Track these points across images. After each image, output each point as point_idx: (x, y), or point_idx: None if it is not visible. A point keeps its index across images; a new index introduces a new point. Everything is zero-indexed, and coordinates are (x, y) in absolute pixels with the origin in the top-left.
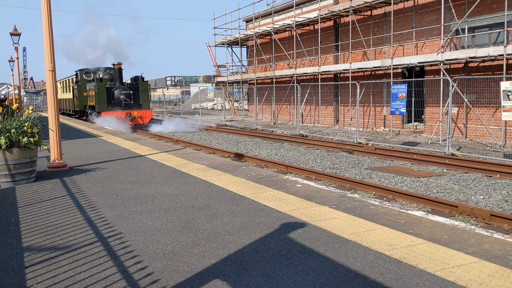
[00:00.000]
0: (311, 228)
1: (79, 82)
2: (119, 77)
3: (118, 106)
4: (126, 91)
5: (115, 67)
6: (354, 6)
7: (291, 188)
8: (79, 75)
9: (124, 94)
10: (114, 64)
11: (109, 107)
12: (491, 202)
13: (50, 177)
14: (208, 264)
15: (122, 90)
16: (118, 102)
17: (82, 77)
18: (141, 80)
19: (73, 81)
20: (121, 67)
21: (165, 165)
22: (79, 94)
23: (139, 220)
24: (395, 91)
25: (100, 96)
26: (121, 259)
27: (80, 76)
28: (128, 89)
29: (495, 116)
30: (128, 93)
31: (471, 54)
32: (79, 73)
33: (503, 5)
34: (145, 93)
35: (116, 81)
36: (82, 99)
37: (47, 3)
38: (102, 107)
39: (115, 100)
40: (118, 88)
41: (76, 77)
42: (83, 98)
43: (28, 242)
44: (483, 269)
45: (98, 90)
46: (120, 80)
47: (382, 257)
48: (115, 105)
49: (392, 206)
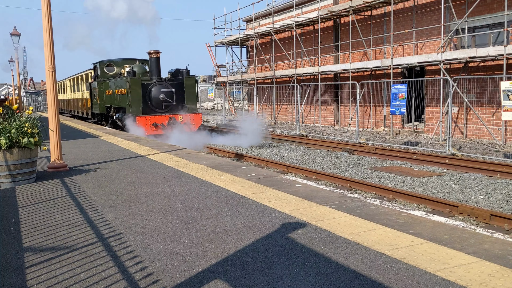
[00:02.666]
0: (311, 228)
1: (99, 77)
2: (157, 70)
3: (157, 108)
4: (167, 88)
5: (151, 57)
6: (354, 6)
7: (291, 188)
8: (98, 68)
9: (165, 93)
10: (150, 53)
11: (146, 110)
12: (491, 202)
13: (51, 178)
14: (209, 264)
15: (162, 87)
16: (156, 104)
17: (103, 71)
18: (186, 74)
19: (89, 77)
20: (159, 56)
21: (166, 165)
22: (100, 92)
23: (139, 220)
24: (395, 91)
25: (135, 95)
26: (121, 259)
27: (100, 70)
28: (170, 86)
29: (495, 116)
30: (169, 92)
31: (471, 54)
32: (99, 66)
33: (503, 5)
34: (192, 91)
35: (153, 76)
36: (104, 99)
37: (47, 3)
38: (137, 109)
39: (152, 101)
40: (157, 84)
41: (94, 71)
42: (105, 97)
43: (29, 243)
44: (483, 269)
45: (132, 87)
46: (158, 74)
47: (382, 257)
48: (152, 107)
49: (392, 206)
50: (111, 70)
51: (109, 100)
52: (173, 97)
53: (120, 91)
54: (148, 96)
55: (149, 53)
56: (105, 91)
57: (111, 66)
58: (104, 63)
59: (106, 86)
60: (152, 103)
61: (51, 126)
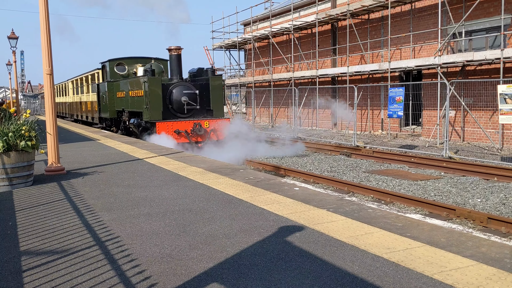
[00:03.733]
0: (309, 232)
1: (109, 77)
2: (178, 69)
3: (179, 112)
4: (190, 90)
5: (171, 54)
6: (352, 10)
7: (289, 191)
8: (108, 68)
9: (188, 95)
10: (171, 49)
11: (165, 115)
12: (489, 205)
13: (48, 181)
14: (206, 267)
15: (185, 88)
16: (178, 107)
17: (113, 70)
18: (211, 73)
19: (95, 77)
20: (180, 53)
21: (163, 168)
22: (110, 94)
23: (136, 224)
24: (393, 94)
25: (155, 98)
26: (118, 263)
27: (110, 70)
28: (193, 88)
29: (493, 119)
30: (193, 94)
31: (468, 58)
32: (108, 65)
33: (499, 9)
34: (218, 93)
35: (174, 76)
36: (115, 102)
37: (45, 7)
38: (157, 114)
39: (173, 104)
40: (179, 85)
41: (102, 70)
42: (116, 100)
43: (26, 246)
44: (480, 272)
45: (151, 88)
46: (179, 74)
47: (380, 261)
48: (173, 111)
49: (390, 209)
50: (122, 70)
51: (121, 103)
52: (197, 100)
53: (136, 93)
54: (168, 99)
55: (169, 49)
56: (116, 93)
57: (122, 65)
58: (114, 61)
59: (117, 87)
60: (173, 106)
61: (49, 129)
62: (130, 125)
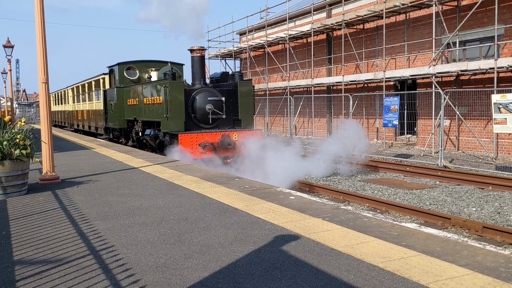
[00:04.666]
0: (304, 241)
1: (117, 83)
2: (201, 72)
3: (202, 122)
4: (216, 96)
5: (194, 55)
6: (347, 19)
7: (285, 200)
8: (116, 72)
9: (213, 103)
10: (193, 49)
11: (187, 126)
12: (484, 214)
13: (42, 190)
14: (201, 277)
15: (210, 95)
16: (202, 117)
17: (123, 75)
18: (239, 78)
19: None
20: (204, 55)
21: (158, 177)
22: (119, 102)
23: (131, 233)
24: (388, 104)
25: (176, 105)
26: (113, 272)
27: (120, 74)
28: (219, 94)
29: (487, 129)
30: (218, 101)
31: (462, 67)
32: (117, 69)
33: (493, 19)
34: (247, 101)
35: (196, 80)
36: (125, 110)
37: (40, 15)
38: (178, 124)
39: (196, 113)
40: (202, 92)
41: (110, 75)
42: (127, 108)
43: (19, 256)
44: (475, 281)
45: (173, 95)
46: (202, 78)
47: (375, 270)
48: (196, 121)
49: (385, 218)
50: (132, 75)
51: (132, 112)
52: (223, 108)
53: (153, 100)
54: (190, 107)
55: (191, 50)
56: (127, 100)
57: (133, 69)
58: (124, 65)
59: (128, 93)
60: (196, 116)
61: (44, 138)
62: (146, 137)
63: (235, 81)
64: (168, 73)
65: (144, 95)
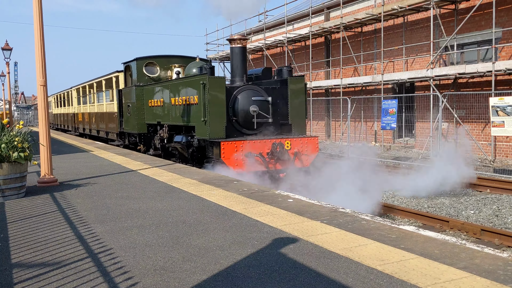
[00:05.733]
0: (303, 243)
1: (136, 81)
2: (243, 67)
3: (245, 127)
4: (261, 96)
5: (234, 46)
6: (345, 23)
7: (283, 203)
8: (134, 69)
9: (258, 104)
10: (233, 39)
11: (228, 131)
12: (482, 217)
13: (40, 192)
14: (199, 280)
15: (254, 94)
16: (245, 120)
17: (141, 72)
18: (288, 73)
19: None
20: (245, 46)
21: (157, 180)
22: (138, 103)
23: (129, 236)
24: (386, 107)
25: (217, 107)
26: (111, 275)
27: (138, 71)
28: (265, 93)
29: (485, 132)
30: (264, 102)
31: (460, 70)
32: (136, 65)
33: (491, 23)
34: (299, 101)
35: (236, 77)
36: (146, 112)
37: (39, 18)
38: (219, 129)
39: (238, 116)
40: (245, 90)
41: (125, 73)
42: (148, 111)
43: (17, 259)
44: (474, 284)
45: (213, 93)
46: (244, 75)
47: (373, 272)
48: (238, 125)
49: (383, 221)
50: (152, 72)
51: (155, 115)
52: (269, 110)
53: (184, 100)
54: (231, 108)
55: (231, 40)
56: (148, 101)
57: (153, 65)
58: (143, 61)
59: (149, 93)
60: (238, 119)
61: (42, 140)
62: (175, 145)
63: (282, 77)
64: (205, 67)
65: (173, 95)
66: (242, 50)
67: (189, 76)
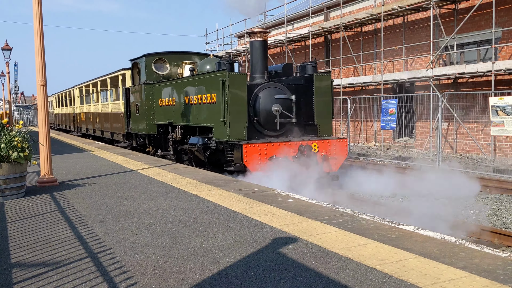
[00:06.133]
0: (302, 243)
1: (144, 78)
2: (263, 63)
3: (267, 129)
4: (283, 94)
5: (254, 40)
6: (345, 22)
7: (283, 203)
8: (143, 66)
9: (281, 102)
10: (253, 33)
11: (249, 133)
12: (481, 217)
13: (40, 192)
14: (199, 279)
15: (276, 92)
16: (267, 121)
17: (150, 69)
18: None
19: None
20: (266, 39)
21: (156, 180)
22: (147, 102)
23: (129, 235)
24: (386, 106)
25: (238, 106)
26: (111, 275)
27: (147, 68)
28: (287, 91)
29: (485, 131)
30: (287, 101)
31: (460, 70)
32: (144, 62)
33: (490, 22)
34: (326, 100)
35: (257, 73)
36: (156, 112)
37: (39, 18)
38: (240, 131)
39: (260, 116)
40: (267, 87)
41: (132, 70)
42: (158, 110)
43: (17, 258)
44: (473, 283)
45: (233, 91)
46: (265, 71)
47: (373, 272)
48: (259, 126)
49: (383, 220)
50: (162, 69)
51: (166, 115)
52: (292, 109)
53: (200, 99)
54: (252, 108)
55: (250, 33)
56: (158, 100)
57: (162, 62)
58: (153, 57)
59: (159, 91)
60: (260, 119)
61: (41, 140)
62: (191, 147)
63: (306, 74)
64: (224, 62)
65: (187, 93)
66: (262, 44)
67: (206, 73)
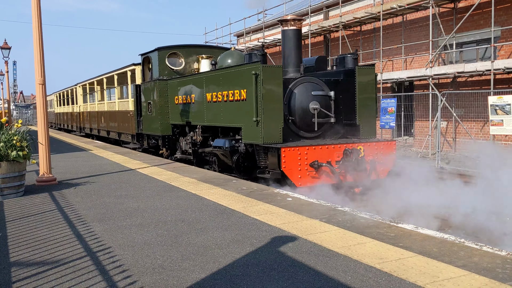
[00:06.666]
0: (301, 242)
1: (156, 74)
2: (297, 54)
3: (303, 129)
4: (321, 90)
5: (286, 29)
6: (344, 21)
7: (282, 202)
8: (155, 60)
9: (319, 100)
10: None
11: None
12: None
13: (39, 191)
14: (198, 278)
15: (313, 88)
16: (303, 121)
17: (164, 64)
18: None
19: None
20: (301, 28)
21: (155, 179)
22: (161, 100)
23: (128, 234)
24: (385, 106)
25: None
26: (110, 274)
27: (160, 63)
28: (325, 86)
29: (484, 130)
30: (325, 98)
31: (459, 69)
32: (157, 56)
33: (489, 22)
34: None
35: (290, 67)
36: (171, 111)
37: (37, 17)
38: (274, 132)
39: (295, 115)
40: (303, 83)
41: (143, 66)
42: (173, 109)
43: (16, 257)
44: (472, 282)
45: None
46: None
47: (372, 271)
48: (294, 127)
49: (382, 219)
50: (176, 64)
51: (183, 114)
52: (331, 107)
53: (224, 96)
54: (286, 105)
55: (282, 21)
56: (173, 98)
57: (176, 56)
58: (166, 51)
59: (175, 88)
60: (295, 119)
61: (40, 139)
62: (215, 150)
63: (345, 67)
64: (255, 53)
65: (208, 89)
66: (297, 33)
67: (234, 66)
